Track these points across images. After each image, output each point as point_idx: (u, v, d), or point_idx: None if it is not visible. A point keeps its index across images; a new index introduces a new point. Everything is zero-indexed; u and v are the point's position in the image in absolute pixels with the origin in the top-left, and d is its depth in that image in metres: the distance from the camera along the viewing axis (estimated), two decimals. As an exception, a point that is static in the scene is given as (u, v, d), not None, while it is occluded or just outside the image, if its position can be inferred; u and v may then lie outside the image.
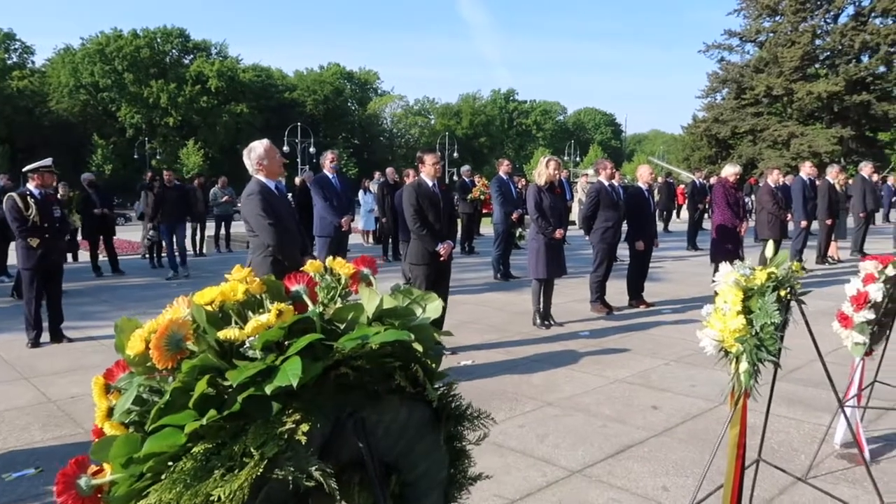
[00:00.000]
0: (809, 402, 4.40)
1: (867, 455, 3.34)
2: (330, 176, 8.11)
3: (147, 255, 12.55)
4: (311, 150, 54.55)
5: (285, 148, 51.19)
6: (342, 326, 1.19)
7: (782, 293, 2.18)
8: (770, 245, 2.40)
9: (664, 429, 3.95)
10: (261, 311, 1.15)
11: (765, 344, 2.06)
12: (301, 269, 4.04)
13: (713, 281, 2.33)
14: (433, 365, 1.29)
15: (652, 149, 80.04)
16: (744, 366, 2.10)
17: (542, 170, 6.62)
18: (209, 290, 1.15)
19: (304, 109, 69.11)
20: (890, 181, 22.54)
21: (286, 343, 1.08)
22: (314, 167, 53.75)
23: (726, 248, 8.30)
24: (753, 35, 40.22)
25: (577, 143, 79.34)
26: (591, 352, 5.79)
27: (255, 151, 4.37)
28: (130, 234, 18.46)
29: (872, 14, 37.43)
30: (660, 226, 20.39)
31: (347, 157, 65.88)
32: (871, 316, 3.15)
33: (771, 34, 39.45)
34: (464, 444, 1.39)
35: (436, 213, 5.56)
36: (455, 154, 60.22)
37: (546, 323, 6.81)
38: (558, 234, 6.59)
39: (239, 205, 5.17)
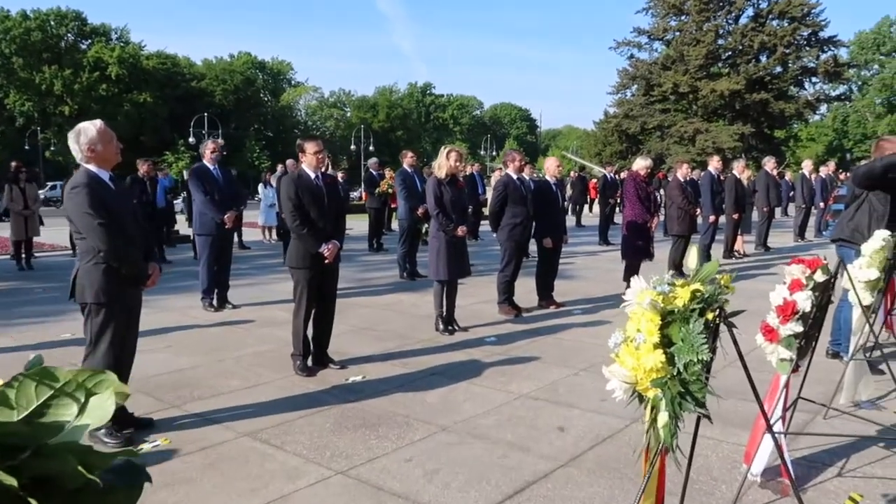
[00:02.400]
0: (726, 416, 4.01)
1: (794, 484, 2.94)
2: (211, 167, 7.26)
3: (13, 256, 11.21)
4: (220, 141, 52.19)
5: (191, 139, 48.86)
6: None
7: (710, 316, 1.67)
8: (693, 252, 1.90)
9: (571, 457, 3.45)
10: None
11: (690, 389, 1.55)
12: (144, 278, 3.26)
13: (623, 300, 1.81)
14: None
15: (566, 144, 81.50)
16: (663, 418, 1.58)
17: (443, 161, 6.05)
18: None
19: (213, 99, 66.21)
20: (787, 177, 23.45)
21: None
22: (223, 160, 51.51)
23: (637, 244, 8.03)
24: (661, 33, 41.25)
25: (493, 137, 79.78)
26: (496, 362, 5.27)
27: (86, 134, 3.57)
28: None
29: (770, 16, 39.08)
30: (572, 220, 20.41)
31: (260, 150, 63.74)
32: (799, 329, 2.73)
33: (677, 33, 40.56)
34: None
35: (319, 210, 4.89)
36: (371, 147, 59.17)
37: (450, 328, 6.26)
38: (461, 231, 6.05)
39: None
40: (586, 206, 22.27)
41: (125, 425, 3.77)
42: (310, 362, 5.09)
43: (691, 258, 1.87)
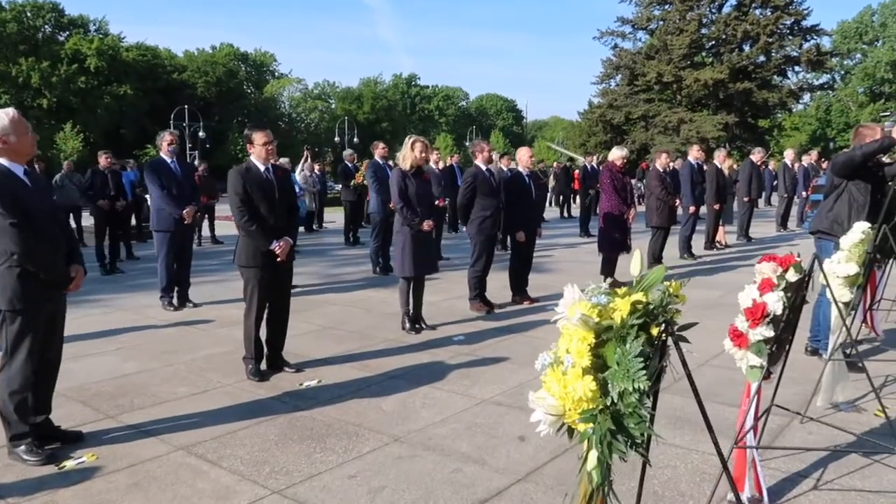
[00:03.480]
0: (697, 420, 3.76)
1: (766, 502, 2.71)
2: (168, 160, 6.93)
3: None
4: (201, 134, 51.60)
5: (175, 130, 48.18)
6: None
7: (654, 332, 1.42)
8: (636, 256, 1.64)
9: (529, 470, 3.20)
10: None
11: (625, 424, 1.29)
12: (66, 282, 2.96)
13: (553, 315, 1.55)
14: None
15: (552, 135, 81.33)
16: (593, 459, 1.32)
17: (407, 152, 5.76)
18: None
19: (195, 92, 65.43)
20: (771, 166, 23.34)
21: None
22: (206, 153, 50.70)
23: (614, 236, 7.79)
24: (644, 23, 40.96)
25: (479, 128, 79.43)
26: (462, 363, 5.01)
27: (-3, 124, 3.26)
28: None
29: (753, 5, 38.88)
30: (556, 212, 20.20)
31: (244, 143, 63.14)
32: (770, 333, 2.49)
33: (661, 22, 40.30)
34: None
35: (269, 205, 4.59)
36: (356, 139, 58.69)
37: (417, 327, 6.00)
38: (426, 225, 5.77)
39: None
40: (571, 198, 22.04)
41: (50, 440, 3.47)
42: (264, 366, 4.81)
43: (634, 263, 1.61)
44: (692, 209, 10.12)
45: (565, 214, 19.55)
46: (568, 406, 1.38)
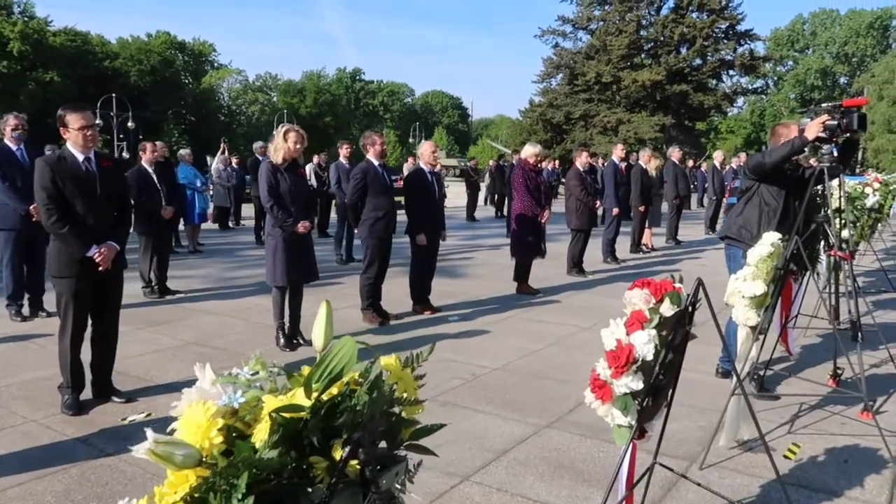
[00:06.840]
0: (581, 468, 3.18)
1: None
2: (13, 147, 6.01)
3: None
4: (130, 124, 49.27)
5: (98, 121, 45.94)
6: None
7: (336, 455, 0.76)
8: (321, 314, 0.91)
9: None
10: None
11: None
12: None
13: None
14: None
15: (498, 133, 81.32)
16: None
17: (280, 143, 5.02)
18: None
19: (129, 80, 62.66)
20: (703, 168, 23.37)
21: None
22: (138, 144, 48.47)
23: (527, 240, 7.23)
24: (585, 22, 40.99)
25: (424, 125, 78.71)
26: (329, 388, 4.32)
27: None
28: None
29: (690, 8, 39.35)
30: (491, 211, 19.71)
31: (180, 134, 60.97)
32: (638, 385, 1.88)
33: (601, 22, 40.41)
34: None
35: (87, 202, 3.79)
36: (295, 133, 57.10)
37: (294, 342, 5.27)
38: (302, 227, 5.05)
39: None
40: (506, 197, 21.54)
41: None
42: (89, 395, 4.02)
43: (317, 329, 0.95)
44: (615, 211, 9.65)
45: (500, 214, 19.03)
46: None
